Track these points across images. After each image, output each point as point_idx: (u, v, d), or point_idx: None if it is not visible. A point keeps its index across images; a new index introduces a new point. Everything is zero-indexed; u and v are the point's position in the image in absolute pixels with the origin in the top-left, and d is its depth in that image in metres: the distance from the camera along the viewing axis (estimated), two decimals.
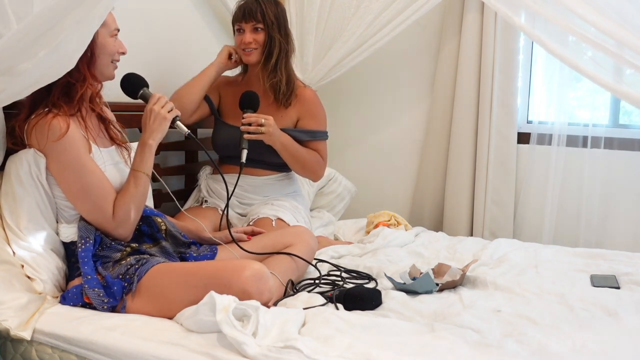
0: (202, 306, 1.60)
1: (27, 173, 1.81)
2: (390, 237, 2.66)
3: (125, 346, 1.57)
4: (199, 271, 1.78)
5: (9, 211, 1.81)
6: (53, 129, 1.78)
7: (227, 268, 1.76)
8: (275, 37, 2.49)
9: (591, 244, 2.97)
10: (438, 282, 2.07)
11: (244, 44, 2.50)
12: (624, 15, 1.95)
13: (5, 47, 1.62)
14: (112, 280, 1.76)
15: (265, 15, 2.47)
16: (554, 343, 1.57)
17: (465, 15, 3.11)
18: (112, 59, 1.93)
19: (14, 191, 1.81)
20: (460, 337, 1.60)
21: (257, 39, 2.49)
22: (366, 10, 2.98)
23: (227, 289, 1.66)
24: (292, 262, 2.07)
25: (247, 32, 2.49)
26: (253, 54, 2.51)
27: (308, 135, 2.58)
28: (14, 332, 1.60)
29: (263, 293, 1.73)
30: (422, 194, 3.34)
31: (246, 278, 1.71)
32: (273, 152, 2.51)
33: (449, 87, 3.21)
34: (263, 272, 1.77)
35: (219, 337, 1.56)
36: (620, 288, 2.09)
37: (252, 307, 1.59)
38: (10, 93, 1.72)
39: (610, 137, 3.01)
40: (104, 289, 1.76)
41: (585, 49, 2.25)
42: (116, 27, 1.93)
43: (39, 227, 1.83)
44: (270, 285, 1.78)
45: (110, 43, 1.90)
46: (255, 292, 1.71)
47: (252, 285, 1.71)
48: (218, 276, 1.73)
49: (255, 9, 2.47)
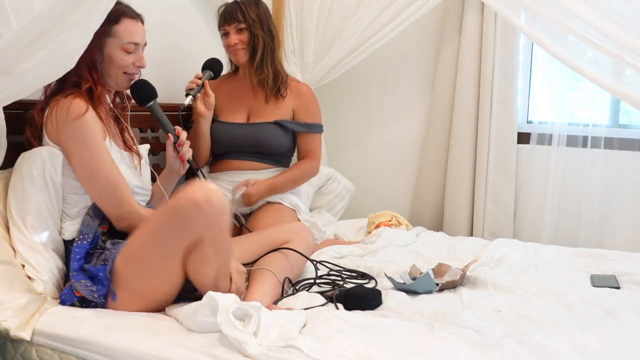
0: (202, 307, 1.60)
1: (41, 171, 1.82)
2: (391, 238, 2.66)
3: (125, 346, 1.57)
4: (152, 224, 1.76)
5: (16, 207, 1.82)
6: (74, 107, 1.80)
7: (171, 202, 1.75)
8: (258, 34, 2.54)
9: (591, 244, 2.97)
10: (438, 282, 2.07)
11: (230, 45, 2.56)
12: (624, 16, 1.95)
13: (5, 47, 1.63)
14: (94, 269, 1.77)
15: (246, 15, 2.54)
16: (554, 343, 1.57)
17: (465, 15, 3.11)
18: (124, 71, 1.94)
19: (24, 188, 1.82)
20: (460, 337, 1.60)
21: (241, 39, 2.55)
22: (366, 10, 2.98)
23: (176, 217, 1.68)
24: (286, 259, 2.07)
25: (232, 34, 2.55)
26: (240, 54, 2.56)
27: (304, 128, 2.65)
28: (13, 332, 1.60)
29: (212, 201, 1.68)
30: (422, 194, 3.34)
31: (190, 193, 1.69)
32: (268, 142, 2.58)
33: (449, 87, 3.21)
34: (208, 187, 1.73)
35: (219, 336, 1.55)
36: (620, 288, 2.09)
37: (253, 307, 1.59)
38: (10, 93, 1.72)
39: (610, 137, 3.00)
40: (90, 279, 1.77)
41: (585, 50, 2.25)
42: (132, 40, 1.91)
43: (44, 226, 1.84)
44: (217, 194, 1.71)
45: (119, 56, 1.90)
46: (203, 199, 1.67)
47: (198, 196, 1.67)
48: (167, 213, 1.72)
49: (236, 11, 2.54)
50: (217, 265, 1.77)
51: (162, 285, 1.78)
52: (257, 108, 2.61)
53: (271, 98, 2.60)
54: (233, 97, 2.62)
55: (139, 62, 1.96)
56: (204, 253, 1.73)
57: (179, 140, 2.06)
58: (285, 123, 2.60)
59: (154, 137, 2.60)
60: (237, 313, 1.57)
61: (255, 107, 2.61)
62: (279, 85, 2.59)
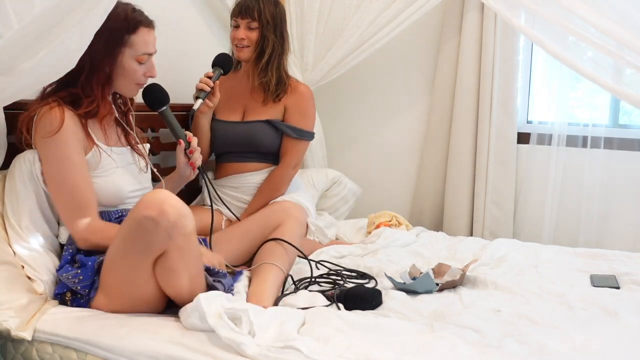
0: (192, 311, 1.60)
1: (29, 173, 1.82)
2: (392, 238, 2.67)
3: (125, 345, 1.57)
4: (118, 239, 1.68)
5: (11, 210, 1.82)
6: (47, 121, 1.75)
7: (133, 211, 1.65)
8: (269, 37, 2.49)
9: (591, 244, 2.97)
10: (438, 282, 2.07)
11: (237, 39, 2.51)
12: (624, 15, 1.95)
13: (5, 47, 1.63)
14: (85, 258, 1.74)
15: (261, 14, 2.47)
16: (554, 343, 1.57)
17: (465, 15, 3.11)
18: (136, 82, 1.88)
19: (17, 190, 1.82)
20: (460, 337, 1.60)
21: (250, 36, 2.49)
22: (366, 10, 2.98)
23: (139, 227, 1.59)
24: (281, 247, 2.05)
25: (242, 28, 2.49)
26: (244, 51, 2.51)
27: (295, 133, 2.55)
28: (14, 332, 1.60)
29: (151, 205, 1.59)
30: (422, 193, 3.34)
31: (143, 203, 1.60)
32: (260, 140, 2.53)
33: (449, 87, 3.21)
34: (159, 191, 1.66)
35: (219, 336, 1.55)
36: (620, 288, 2.09)
37: (240, 310, 1.58)
38: (10, 93, 1.72)
39: (610, 137, 3.00)
40: (76, 269, 1.74)
41: (585, 50, 2.25)
42: (147, 51, 1.85)
43: (39, 227, 1.84)
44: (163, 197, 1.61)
45: (134, 67, 1.84)
46: (153, 205, 1.58)
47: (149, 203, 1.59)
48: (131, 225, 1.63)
49: (253, 7, 2.47)
50: (188, 274, 1.67)
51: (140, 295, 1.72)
52: (253, 107, 2.57)
53: (269, 101, 2.56)
54: (231, 95, 2.58)
55: (150, 72, 1.89)
56: (171, 264, 1.64)
57: (190, 147, 1.99)
58: (276, 123, 2.54)
59: (154, 137, 2.60)
60: (228, 315, 1.57)
61: (251, 106, 2.58)
62: (279, 92, 2.54)
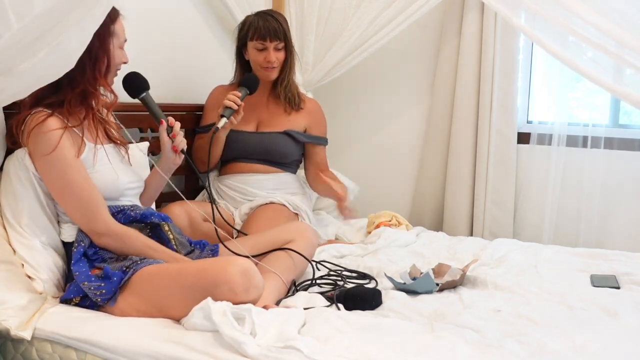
0: (197, 311, 1.60)
1: (26, 173, 1.81)
2: (392, 238, 2.66)
3: (125, 345, 1.57)
4: (186, 270, 1.75)
5: (9, 209, 1.82)
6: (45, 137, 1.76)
7: (212, 265, 1.73)
8: (293, 52, 2.59)
9: (591, 244, 2.97)
10: (438, 282, 2.07)
11: (268, 62, 2.53)
12: (624, 15, 1.95)
13: (5, 47, 1.62)
14: (111, 272, 1.74)
15: (286, 35, 2.55)
16: (554, 343, 1.57)
17: (465, 15, 3.11)
18: (116, 70, 1.92)
19: (14, 189, 1.82)
20: (460, 337, 1.60)
21: (279, 57, 2.55)
22: (366, 10, 2.98)
23: (213, 287, 1.64)
24: (290, 259, 2.06)
25: (271, 50, 2.52)
26: (274, 72, 2.58)
27: (314, 140, 2.72)
28: (14, 332, 1.60)
29: (249, 290, 1.66)
30: (422, 193, 3.34)
31: (231, 274, 1.65)
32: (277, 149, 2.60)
33: (449, 87, 3.21)
34: (249, 268, 1.70)
35: (219, 336, 1.55)
36: (620, 288, 2.09)
37: (244, 310, 1.58)
38: (10, 93, 1.72)
39: (610, 137, 3.00)
40: (100, 280, 1.74)
41: (585, 50, 2.25)
42: (125, 37, 1.91)
43: (39, 225, 1.83)
44: (256, 281, 1.70)
45: (118, 54, 1.89)
46: (241, 289, 1.65)
47: (238, 282, 1.65)
48: (204, 275, 1.69)
49: (279, 29, 2.52)
50: None
51: (173, 316, 1.72)
52: (267, 119, 2.64)
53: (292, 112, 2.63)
54: (245, 109, 2.49)
55: (125, 58, 1.93)
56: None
57: (172, 130, 2.01)
58: (294, 134, 2.64)
59: (154, 137, 2.59)
60: (232, 314, 1.56)
61: (266, 119, 2.64)
62: (299, 101, 2.64)
